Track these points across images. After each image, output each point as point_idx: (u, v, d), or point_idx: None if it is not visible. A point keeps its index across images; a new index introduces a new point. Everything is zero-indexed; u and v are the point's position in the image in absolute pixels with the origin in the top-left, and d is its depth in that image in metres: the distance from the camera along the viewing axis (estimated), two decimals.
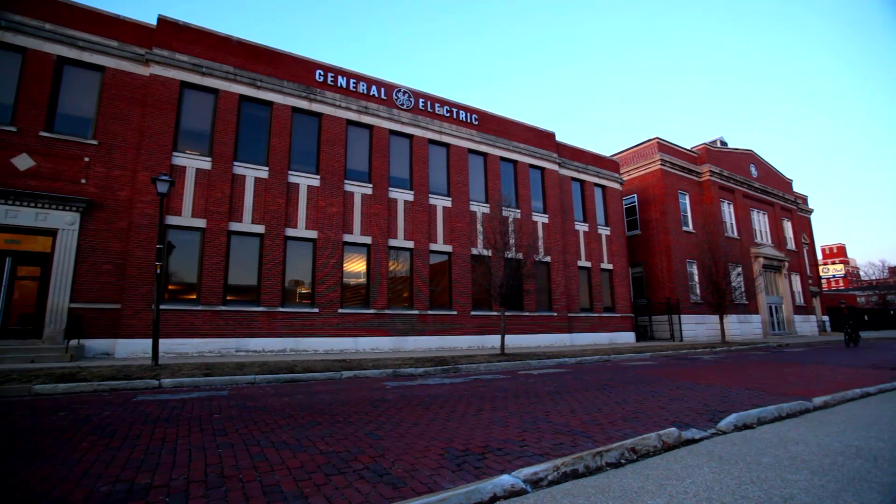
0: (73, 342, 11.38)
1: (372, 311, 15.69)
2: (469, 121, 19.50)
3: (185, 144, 13.78)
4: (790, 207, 34.96)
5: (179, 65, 13.76)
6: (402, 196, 17.26)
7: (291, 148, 15.36)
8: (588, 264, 22.37)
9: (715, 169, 28.48)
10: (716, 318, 23.76)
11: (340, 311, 15.08)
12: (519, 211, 19.68)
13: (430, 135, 18.32)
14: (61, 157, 12.17)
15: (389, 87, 17.71)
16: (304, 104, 15.73)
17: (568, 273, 21.23)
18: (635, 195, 27.59)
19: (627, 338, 22.67)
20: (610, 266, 23.25)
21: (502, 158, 20.26)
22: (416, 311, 16.60)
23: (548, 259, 20.29)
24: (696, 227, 26.84)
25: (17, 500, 2.53)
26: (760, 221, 31.96)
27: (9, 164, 11.55)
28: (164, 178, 10.39)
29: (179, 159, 13.49)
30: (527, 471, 2.71)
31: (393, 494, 2.58)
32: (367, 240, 16.18)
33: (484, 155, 19.80)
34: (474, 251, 17.83)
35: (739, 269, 26.50)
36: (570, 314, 20.76)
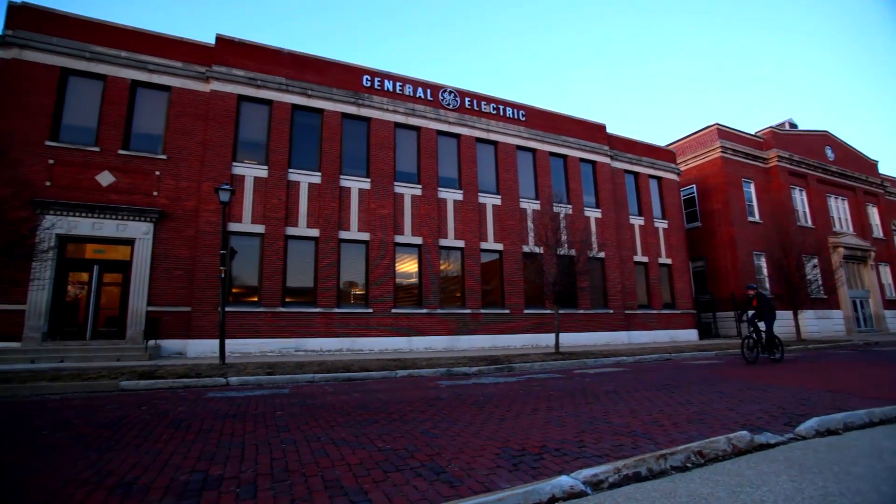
0: (151, 342, 12.33)
1: (424, 310, 15.86)
2: (516, 117, 19.27)
3: (244, 154, 14.55)
4: (876, 191, 31.75)
5: (236, 79, 14.54)
6: (451, 196, 17.33)
7: (342, 153, 15.82)
8: (645, 259, 21.48)
9: (783, 154, 26.45)
10: (789, 313, 22.04)
11: (394, 311, 15.36)
12: (570, 206, 19.21)
13: (477, 133, 18.27)
14: (136, 173, 13.21)
15: (435, 88, 17.84)
16: (352, 110, 16.16)
17: (624, 269, 20.48)
18: (694, 186, 26.17)
19: (689, 335, 21.56)
20: (668, 261, 22.20)
21: (551, 154, 19.86)
22: (468, 311, 16.62)
23: (602, 255, 19.66)
24: (763, 216, 25.05)
25: (112, 484, 2.76)
26: (839, 208, 29.32)
27: (94, 181, 12.70)
28: (225, 187, 11.01)
29: (239, 169, 14.26)
30: (586, 472, 2.63)
31: (450, 493, 2.58)
32: (418, 240, 16.38)
33: (532, 151, 19.50)
34: (526, 249, 17.59)
35: (815, 261, 24.40)
36: (627, 311, 20.02)
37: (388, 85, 17.00)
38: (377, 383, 7.93)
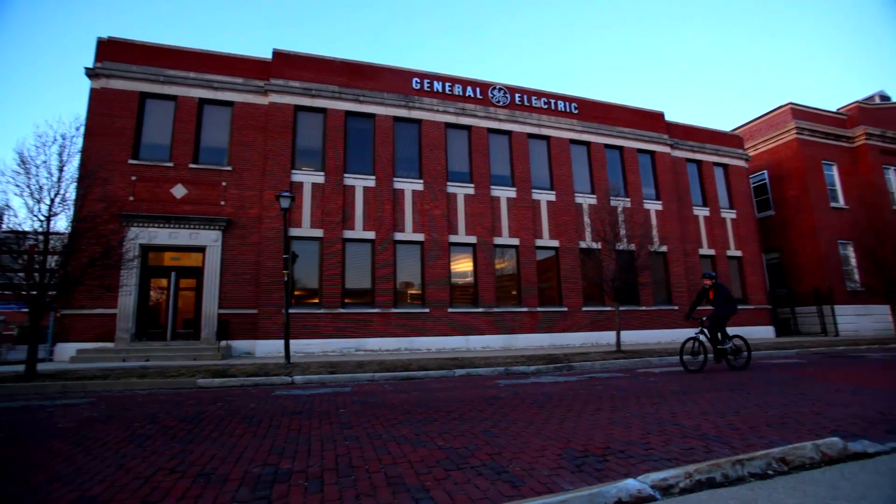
0: (223, 343, 13.16)
1: (480, 309, 15.84)
2: (568, 110, 18.79)
3: (301, 162, 15.19)
4: None
5: (292, 91, 15.21)
6: (504, 193, 17.19)
7: (395, 156, 16.13)
8: (711, 252, 20.24)
9: (873, 130, 23.83)
10: (886, 308, 19.96)
11: (450, 310, 15.45)
12: (629, 199, 18.48)
13: (528, 129, 18.01)
14: (205, 184, 14.17)
15: (485, 86, 17.76)
16: (403, 112, 16.43)
17: (688, 263, 19.41)
18: (765, 172, 24.28)
19: (765, 332, 20.06)
20: (738, 253, 20.79)
21: (607, 146, 19.19)
22: (524, 309, 16.41)
23: (664, 249, 18.75)
24: (849, 201, 22.80)
25: (194, 473, 2.98)
26: None
27: (169, 194, 13.76)
28: (285, 194, 11.55)
29: (297, 176, 14.91)
30: (655, 476, 2.50)
31: (512, 493, 2.55)
32: (472, 239, 16.38)
33: (587, 144, 18.94)
34: (583, 245, 17.13)
35: None
36: None
37: (437, 86, 17.13)
38: (436, 382, 8.00)
